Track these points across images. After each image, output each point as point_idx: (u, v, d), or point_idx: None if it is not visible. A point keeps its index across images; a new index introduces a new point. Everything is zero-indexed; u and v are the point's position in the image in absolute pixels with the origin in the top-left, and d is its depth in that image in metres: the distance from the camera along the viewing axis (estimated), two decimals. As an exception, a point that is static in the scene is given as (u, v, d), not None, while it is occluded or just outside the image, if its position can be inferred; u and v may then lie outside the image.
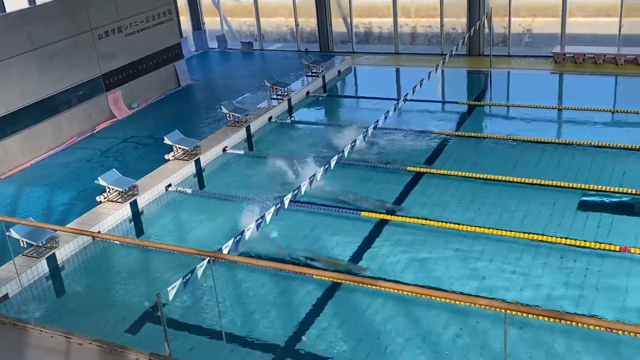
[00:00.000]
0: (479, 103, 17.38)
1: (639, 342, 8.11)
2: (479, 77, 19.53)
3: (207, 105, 18.70)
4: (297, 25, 23.61)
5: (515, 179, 12.50)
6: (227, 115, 16.36)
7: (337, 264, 10.45)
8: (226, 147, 15.51)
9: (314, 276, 9.78)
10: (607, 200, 11.62)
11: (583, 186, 11.96)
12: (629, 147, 13.45)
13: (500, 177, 12.63)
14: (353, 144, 12.38)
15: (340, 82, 20.43)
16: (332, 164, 11.60)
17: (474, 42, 20.39)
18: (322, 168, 11.44)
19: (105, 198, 12.89)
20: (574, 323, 8.31)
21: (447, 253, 10.54)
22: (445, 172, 13.14)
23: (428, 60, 19.51)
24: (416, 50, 21.85)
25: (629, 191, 11.65)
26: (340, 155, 11.92)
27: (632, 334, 7.96)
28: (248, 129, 16.35)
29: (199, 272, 8.31)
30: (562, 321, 8.45)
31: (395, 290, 9.15)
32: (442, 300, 8.96)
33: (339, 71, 20.59)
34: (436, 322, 9.00)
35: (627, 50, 18.62)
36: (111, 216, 12.43)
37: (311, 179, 11.06)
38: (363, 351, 8.65)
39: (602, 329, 8.23)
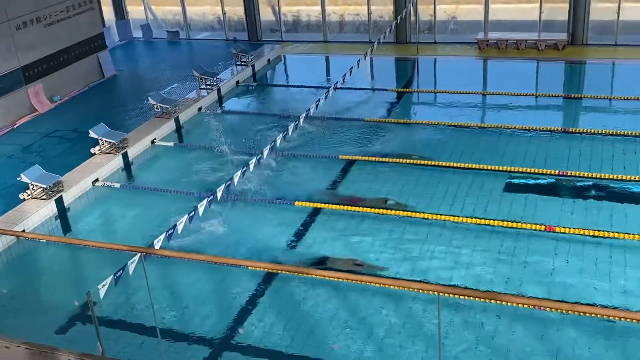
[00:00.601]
0: (408, 90, 17.64)
1: (567, 319, 8.44)
2: (407, 64, 19.79)
3: (134, 96, 18.22)
4: (224, 13, 23.27)
5: (444, 164, 12.76)
6: (155, 106, 15.99)
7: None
8: (155, 139, 15.17)
9: (249, 267, 9.72)
10: (531, 182, 12.01)
11: (509, 169, 12.33)
12: (551, 129, 13.94)
13: (430, 162, 12.87)
14: (285, 132, 12.33)
15: (271, 71, 20.31)
16: (265, 153, 11.53)
17: (400, 30, 20.64)
18: (255, 158, 11.36)
19: (28, 195, 12.40)
20: (504, 302, 8.55)
21: (381, 237, 10.66)
22: (377, 158, 13.28)
23: (357, 48, 19.62)
24: (345, 38, 21.94)
25: (552, 172, 12.08)
26: (272, 144, 11.86)
27: (559, 310, 8.31)
28: (177, 120, 16.04)
29: (131, 268, 8.11)
30: (493, 301, 8.66)
31: (330, 278, 9.20)
32: (376, 285, 9.07)
33: (268, 60, 20.45)
34: (370, 307, 9.10)
35: (547, 36, 19.25)
36: (36, 214, 11.97)
37: (244, 169, 10.96)
38: (300, 339, 8.67)
39: (531, 307, 8.52)
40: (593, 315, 8.21)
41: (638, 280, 9.13)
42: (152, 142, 15.07)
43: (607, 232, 10.12)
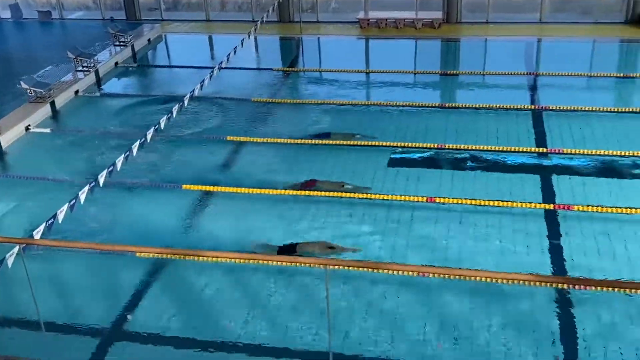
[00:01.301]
0: (293, 69, 17.73)
1: (449, 284, 8.89)
2: (291, 43, 19.87)
3: (3, 81, 17.11)
4: (99, -8, 22.29)
5: (330, 142, 12.97)
6: (28, 90, 15.11)
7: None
8: (29, 125, 14.36)
9: (137, 254, 9.50)
10: (413, 156, 12.47)
11: (392, 144, 12.73)
12: (430, 105, 14.52)
13: (318, 142, 13.04)
14: (169, 115, 12.05)
15: (151, 52, 19.72)
16: (149, 137, 11.22)
17: (283, 9, 20.65)
18: (138, 142, 11.03)
19: None
20: (390, 271, 8.91)
21: (271, 218, 10.72)
22: (265, 139, 13.29)
23: (240, 27, 19.44)
24: (227, 17, 21.67)
25: (432, 146, 12.60)
26: (156, 127, 11.56)
27: (441, 276, 8.75)
28: (53, 104, 15.26)
29: (9, 261, 7.70)
30: (380, 270, 8.99)
31: (221, 260, 9.17)
32: (268, 263, 9.15)
33: (148, 40, 19.83)
34: (263, 286, 9.17)
35: (424, 15, 19.93)
36: None
37: (127, 153, 10.63)
38: (194, 323, 8.61)
39: (415, 274, 8.90)
40: (473, 278, 8.69)
41: (512, 242, 9.74)
42: (27, 128, 14.26)
43: (484, 200, 10.71)
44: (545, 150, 12.26)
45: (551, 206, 10.50)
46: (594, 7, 19.51)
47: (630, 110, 13.78)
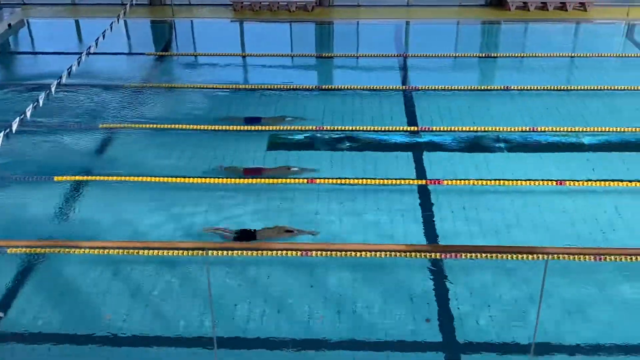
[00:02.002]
0: (167, 53, 17.33)
1: (330, 261, 9.17)
2: (163, 27, 19.38)
3: None
4: (-52, -28, 20.57)
5: (210, 127, 12.85)
6: None
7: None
8: None
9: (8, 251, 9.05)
10: (292, 138, 12.64)
11: (271, 128, 12.82)
12: (307, 87, 14.74)
13: (196, 127, 12.88)
14: (35, 103, 11.44)
15: (13, 37, 18.54)
16: (14, 127, 10.61)
17: (154, -9, 20.08)
18: (2, 133, 10.40)
19: None
20: (266, 253, 9.16)
21: (148, 207, 10.52)
22: (141, 125, 12.96)
23: (108, 11, 18.66)
24: (94, 0, 20.73)
25: (311, 128, 12.82)
26: (22, 117, 10.94)
27: (321, 254, 9.02)
28: None
29: None
30: (257, 253, 9.15)
31: (97, 252, 8.95)
32: (147, 254, 9.02)
33: (9, 25, 18.59)
34: (142, 276, 9.03)
35: (297, -2, 20.08)
36: None
37: (-10, 146, 10.01)
38: (74, 318, 8.35)
39: (298, 254, 9.10)
40: (353, 254, 9.02)
41: (389, 217, 10.17)
42: None
43: (361, 179, 11.08)
44: (416, 128, 12.84)
45: (423, 181, 11.06)
46: (456, -10, 20.52)
47: (492, 88, 14.69)
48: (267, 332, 8.09)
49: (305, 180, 11.06)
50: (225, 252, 8.95)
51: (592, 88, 14.37)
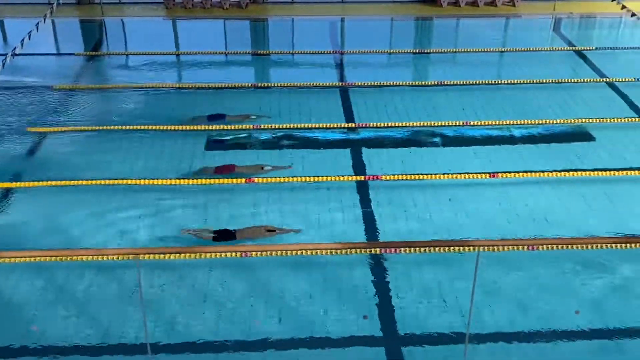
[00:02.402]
0: (97, 53, 16.87)
1: (273, 260, 9.12)
2: (93, 26, 18.86)
3: None
4: None
5: (144, 127, 12.57)
6: None
7: None
8: None
9: None
10: (229, 138, 12.50)
11: (208, 127, 12.65)
12: (244, 85, 14.60)
13: (128, 127, 12.57)
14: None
15: None
16: None
17: (82, -11, 19.50)
18: None
19: None
20: (204, 255, 9.04)
21: (81, 212, 10.21)
22: (72, 128, 12.58)
23: (34, 11, 18.01)
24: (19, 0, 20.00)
25: (248, 127, 12.69)
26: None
27: (260, 254, 8.97)
28: None
29: None
30: (193, 256, 9.05)
31: (26, 259, 8.63)
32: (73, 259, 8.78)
33: None
34: (73, 281, 8.80)
35: (230, -5, 19.89)
36: None
37: None
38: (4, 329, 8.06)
39: (236, 255, 9.02)
40: (296, 252, 8.99)
41: (329, 215, 10.18)
42: None
43: (300, 177, 11.04)
44: (353, 125, 12.91)
45: (362, 177, 11.12)
46: (390, -13, 20.74)
47: (427, 83, 14.92)
48: (207, 335, 7.99)
49: (244, 181, 10.95)
50: (165, 256, 8.79)
51: (522, 82, 14.78)
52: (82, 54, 16.72)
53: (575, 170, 11.32)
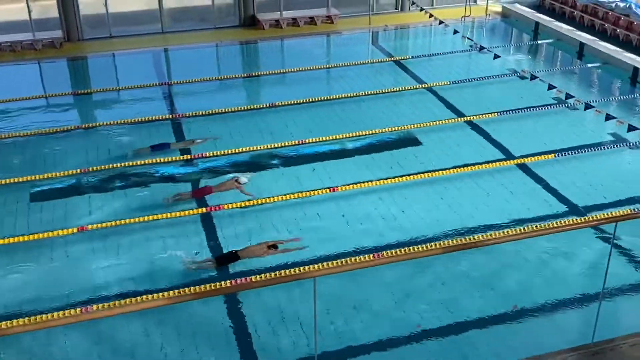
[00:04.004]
0: None
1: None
2: None
3: None
4: None
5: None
6: None
7: None
8: None
9: None
10: (56, 186, 11.66)
11: (28, 178, 11.72)
12: (67, 129, 13.70)
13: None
14: None
15: None
16: None
17: None
18: None
19: None
20: None
21: None
22: None
23: None
24: None
25: (74, 172, 11.92)
26: None
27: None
28: None
29: None
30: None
31: None
32: None
33: None
34: None
35: (42, 35, 18.67)
36: None
37: None
38: None
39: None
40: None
41: (173, 250, 9.86)
42: None
43: (140, 217, 10.54)
44: (190, 157, 12.58)
45: (204, 209, 10.82)
46: (210, 14, 20.57)
47: (259, 106, 14.93)
48: None
49: (75, 230, 10.24)
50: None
51: (350, 95, 15.27)
52: None
53: (408, 175, 11.81)
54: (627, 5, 18.39)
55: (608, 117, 13.38)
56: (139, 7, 20.14)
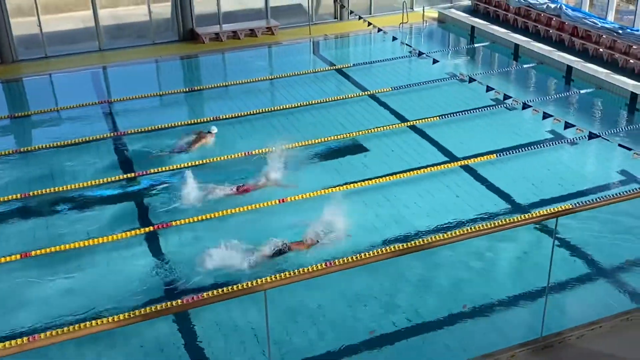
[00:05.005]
0: None
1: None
2: None
3: None
4: None
5: None
6: None
7: None
8: None
9: None
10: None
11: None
12: (4, 153, 13.34)
13: None
14: None
15: None
16: None
17: None
18: None
19: None
20: None
21: None
22: None
23: None
24: None
25: (17, 197, 11.59)
26: None
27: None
28: None
29: None
30: None
31: None
32: None
33: None
34: None
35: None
36: None
37: None
38: None
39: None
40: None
41: (123, 269, 9.63)
42: None
43: (84, 240, 10.31)
44: (133, 175, 12.37)
45: (151, 228, 10.67)
46: (148, 29, 20.30)
47: (203, 120, 14.79)
48: None
49: (19, 256, 9.94)
50: None
51: (293, 106, 15.31)
52: None
53: (357, 181, 11.91)
54: (558, 6, 19.03)
55: (545, 116, 13.78)
56: (74, 26, 19.73)
